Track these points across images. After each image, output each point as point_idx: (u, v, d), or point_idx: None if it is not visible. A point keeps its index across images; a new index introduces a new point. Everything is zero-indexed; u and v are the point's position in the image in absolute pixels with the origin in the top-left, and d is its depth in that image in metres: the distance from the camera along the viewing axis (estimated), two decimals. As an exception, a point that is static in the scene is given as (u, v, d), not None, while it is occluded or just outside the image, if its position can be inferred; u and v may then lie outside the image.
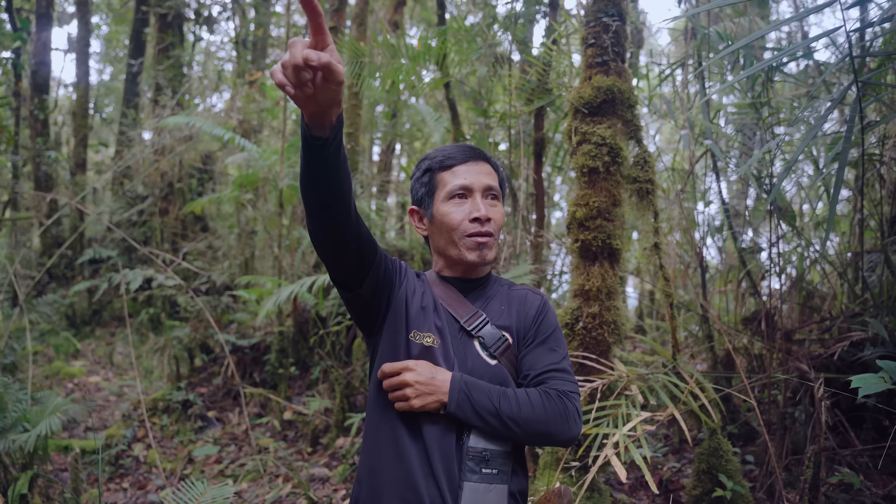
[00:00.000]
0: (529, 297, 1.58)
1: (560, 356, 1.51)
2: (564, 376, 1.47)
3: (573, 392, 1.45)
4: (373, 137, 12.26)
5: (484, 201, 1.50)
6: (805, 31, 6.30)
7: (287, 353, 5.98)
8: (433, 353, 1.44)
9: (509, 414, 1.37)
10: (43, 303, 7.61)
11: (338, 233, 1.30)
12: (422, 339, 1.46)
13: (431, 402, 1.37)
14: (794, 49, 2.94)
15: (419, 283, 1.57)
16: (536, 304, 1.56)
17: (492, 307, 1.54)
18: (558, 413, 1.40)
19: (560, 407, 1.40)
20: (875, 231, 4.04)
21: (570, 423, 1.40)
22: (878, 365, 2.12)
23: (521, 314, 1.54)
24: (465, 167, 1.52)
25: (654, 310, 7.83)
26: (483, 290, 1.58)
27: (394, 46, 5.18)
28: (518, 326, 1.52)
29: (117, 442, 5.17)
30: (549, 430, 1.39)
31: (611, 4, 3.04)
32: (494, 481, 1.38)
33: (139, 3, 11.77)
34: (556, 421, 1.39)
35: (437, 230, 1.54)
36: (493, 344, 1.48)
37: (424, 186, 1.57)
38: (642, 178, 3.01)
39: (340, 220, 1.28)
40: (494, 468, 1.39)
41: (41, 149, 10.23)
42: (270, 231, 7.99)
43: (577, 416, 1.43)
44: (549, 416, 1.39)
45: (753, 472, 3.46)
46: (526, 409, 1.38)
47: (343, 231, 1.30)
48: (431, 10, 11.92)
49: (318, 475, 4.46)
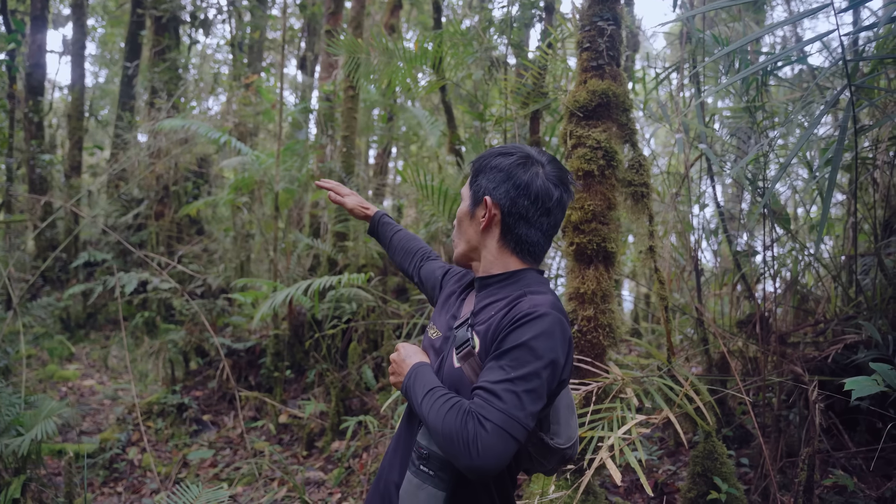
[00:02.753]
0: (519, 306, 1.39)
1: (503, 375, 1.29)
2: (490, 399, 1.27)
3: (487, 419, 1.24)
4: (369, 140, 12.25)
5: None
6: (799, 36, 6.33)
7: (282, 356, 5.96)
8: (432, 343, 1.59)
9: (421, 414, 1.36)
10: (37, 306, 7.57)
11: (406, 275, 2.04)
12: (429, 331, 1.63)
13: (396, 381, 1.52)
14: (787, 53, 2.96)
15: (458, 280, 1.75)
16: (517, 316, 1.36)
17: (486, 310, 1.48)
18: (455, 434, 1.25)
19: (459, 428, 1.25)
20: (869, 234, 4.06)
21: (467, 450, 1.23)
22: (872, 368, 2.14)
23: (500, 323, 1.39)
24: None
25: (649, 313, 7.84)
26: (493, 290, 1.52)
27: (390, 49, 5.18)
28: (492, 335, 1.39)
29: (111, 446, 5.14)
30: (446, 448, 1.28)
31: (606, 9, 3.05)
32: (427, 482, 1.36)
33: (135, 5, 11.77)
34: (452, 442, 1.25)
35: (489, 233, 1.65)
36: (461, 346, 1.44)
37: (541, 214, 1.51)
38: (637, 182, 3.02)
39: (404, 272, 2.05)
40: (430, 470, 1.36)
41: (36, 151, 10.20)
42: (266, 234, 7.98)
43: (474, 445, 1.22)
44: (445, 434, 1.27)
45: (748, 474, 3.47)
46: (432, 417, 1.32)
47: (409, 276, 2.01)
48: (428, 13, 11.94)
49: (313, 479, 4.45)
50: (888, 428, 2.96)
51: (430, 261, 1.95)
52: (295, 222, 8.58)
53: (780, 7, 6.63)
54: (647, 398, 2.76)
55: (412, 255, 2.00)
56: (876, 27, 2.79)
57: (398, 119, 10.82)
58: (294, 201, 8.11)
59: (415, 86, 5.52)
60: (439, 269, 1.87)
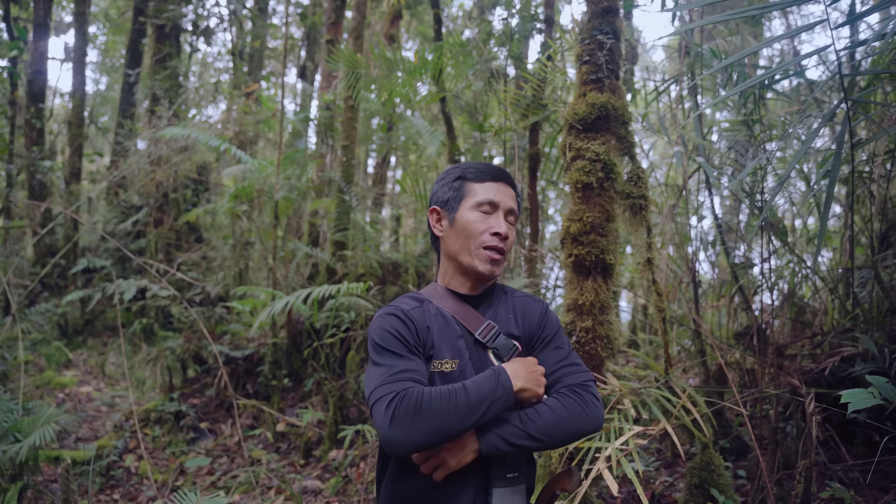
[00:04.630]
0: (532, 304, 1.66)
1: (566, 352, 1.58)
2: (574, 369, 1.54)
3: (586, 381, 1.51)
4: (368, 150, 12.30)
5: (506, 221, 1.59)
6: (797, 50, 6.38)
7: (280, 364, 5.96)
8: (452, 378, 1.49)
9: (536, 430, 1.41)
10: (35, 312, 7.56)
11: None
12: (440, 367, 1.51)
13: (467, 456, 1.42)
14: (784, 66, 2.99)
15: (422, 312, 1.57)
16: (539, 311, 1.65)
17: (500, 316, 1.62)
18: (578, 408, 1.45)
19: (578, 401, 1.46)
20: (866, 247, 4.08)
21: (591, 413, 1.45)
22: (869, 380, 2.15)
23: (526, 321, 1.63)
24: (495, 185, 1.62)
25: (647, 324, 7.85)
26: (490, 300, 1.66)
27: (390, 60, 5.22)
28: (525, 333, 1.61)
29: (108, 453, 5.13)
30: (574, 429, 1.44)
31: (605, 22, 3.08)
32: (516, 483, 1.49)
33: (137, 13, 11.82)
34: (579, 416, 1.44)
35: (457, 234, 1.60)
36: (507, 353, 1.55)
37: (454, 191, 1.63)
38: (636, 194, 3.04)
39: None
40: (517, 472, 1.50)
41: (36, 158, 10.22)
42: (265, 243, 7.99)
43: (595, 402, 1.48)
44: (572, 414, 1.44)
45: (745, 486, 3.47)
46: (548, 418, 1.43)
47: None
48: (428, 24, 12.01)
49: (310, 487, 4.44)
50: (885, 441, 2.97)
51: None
52: (294, 231, 8.59)
53: (778, 21, 6.69)
54: (645, 409, 2.76)
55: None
56: (867, 44, 2.82)
57: (398, 129, 10.86)
58: (293, 210, 8.13)
59: (415, 96, 5.56)
60: (416, 344, 1.53)
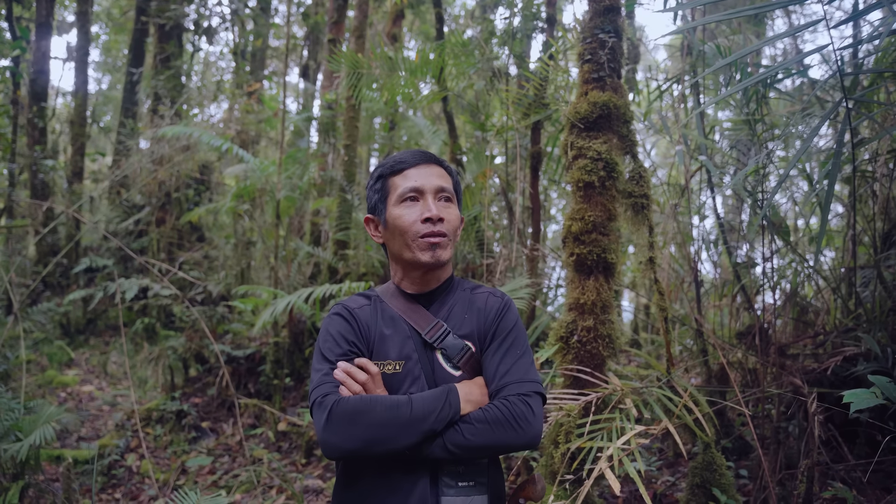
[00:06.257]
0: (490, 300, 1.57)
1: (515, 356, 1.48)
2: (518, 376, 1.44)
3: (524, 394, 1.40)
4: (370, 149, 12.29)
5: (436, 202, 1.51)
6: (800, 48, 6.37)
7: (282, 364, 5.96)
8: (396, 379, 1.47)
9: (454, 444, 1.36)
10: (37, 311, 7.58)
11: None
12: (384, 368, 1.48)
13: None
14: (786, 65, 2.99)
15: (371, 310, 1.56)
16: (496, 307, 1.55)
17: (454, 315, 1.55)
18: (507, 421, 1.36)
19: (507, 414, 1.36)
20: (868, 247, 4.07)
21: (522, 429, 1.36)
22: (871, 380, 2.14)
23: (481, 318, 1.54)
24: (415, 170, 1.53)
25: (648, 324, 7.85)
26: (445, 297, 1.59)
27: (392, 59, 5.21)
28: (479, 331, 1.52)
29: (110, 452, 5.14)
30: (501, 444, 1.37)
31: (607, 21, 3.08)
32: (472, 493, 1.39)
33: (139, 13, 11.84)
34: (507, 433, 1.36)
35: (391, 234, 1.54)
36: (456, 355, 1.49)
37: (377, 193, 1.58)
38: (637, 193, 3.03)
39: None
40: (470, 481, 1.40)
41: (38, 157, 10.24)
42: (267, 242, 8.00)
43: (530, 417, 1.37)
44: (497, 432, 1.36)
45: (747, 486, 3.47)
46: (469, 432, 1.36)
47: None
48: (430, 23, 12.01)
49: (311, 487, 4.44)
50: (887, 440, 2.96)
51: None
52: (296, 230, 8.59)
53: (781, 20, 6.68)
54: (647, 409, 2.76)
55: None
56: (863, 42, 2.81)
57: (400, 128, 10.86)
58: (295, 209, 8.13)
59: (417, 95, 5.55)
60: (359, 343, 1.53)
